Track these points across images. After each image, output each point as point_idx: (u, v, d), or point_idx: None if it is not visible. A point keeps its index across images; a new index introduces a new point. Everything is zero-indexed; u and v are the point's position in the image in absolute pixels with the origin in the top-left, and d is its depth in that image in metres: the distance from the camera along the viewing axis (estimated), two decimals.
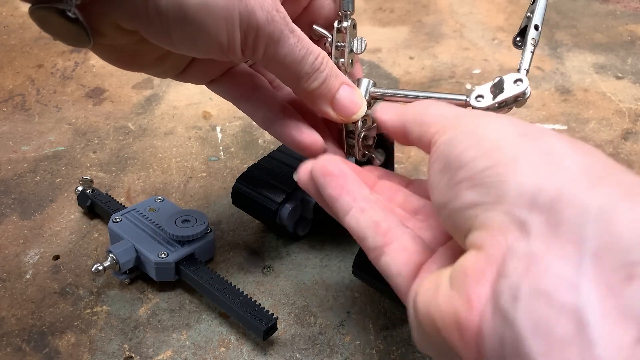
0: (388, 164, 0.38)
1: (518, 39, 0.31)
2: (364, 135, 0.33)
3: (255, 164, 0.41)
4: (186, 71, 0.32)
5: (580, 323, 0.14)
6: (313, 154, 0.32)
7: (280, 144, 0.43)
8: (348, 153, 0.35)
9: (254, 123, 0.57)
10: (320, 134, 0.32)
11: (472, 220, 0.18)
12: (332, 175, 0.27)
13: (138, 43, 0.26)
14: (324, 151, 0.32)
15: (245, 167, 0.49)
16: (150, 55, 0.29)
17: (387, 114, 0.27)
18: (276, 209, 0.37)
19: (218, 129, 0.56)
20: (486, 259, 0.17)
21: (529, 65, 0.30)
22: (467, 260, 0.18)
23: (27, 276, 0.39)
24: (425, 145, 0.24)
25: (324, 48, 0.32)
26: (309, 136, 0.32)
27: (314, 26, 0.32)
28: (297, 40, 0.27)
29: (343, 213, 0.26)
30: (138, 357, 0.34)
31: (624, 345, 0.13)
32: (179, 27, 0.24)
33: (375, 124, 0.33)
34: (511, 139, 0.19)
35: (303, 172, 0.29)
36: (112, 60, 0.28)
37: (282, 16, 0.26)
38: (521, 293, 0.15)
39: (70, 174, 0.49)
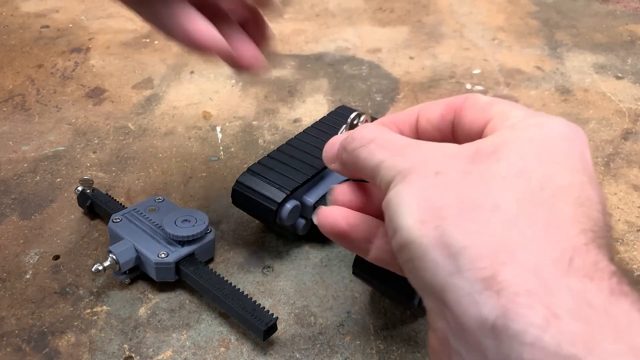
0: None
1: None
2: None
3: (255, 163, 0.41)
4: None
5: None
6: (207, 49, 0.32)
7: (280, 143, 0.43)
8: None
9: (254, 123, 0.57)
10: (234, 39, 0.32)
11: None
12: (344, 233, 0.27)
13: None
14: (227, 52, 0.33)
15: (245, 167, 0.49)
16: None
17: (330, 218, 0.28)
18: (276, 209, 0.37)
19: (218, 129, 0.56)
20: (439, 340, 0.19)
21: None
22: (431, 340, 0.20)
23: (27, 276, 0.39)
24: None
25: None
26: (203, 28, 0.31)
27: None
28: None
29: (364, 254, 0.27)
30: (138, 357, 0.34)
31: None
32: None
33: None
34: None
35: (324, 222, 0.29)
36: None
37: None
38: None
39: (70, 174, 0.49)
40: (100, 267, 0.34)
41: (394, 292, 0.33)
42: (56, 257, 0.41)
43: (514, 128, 0.22)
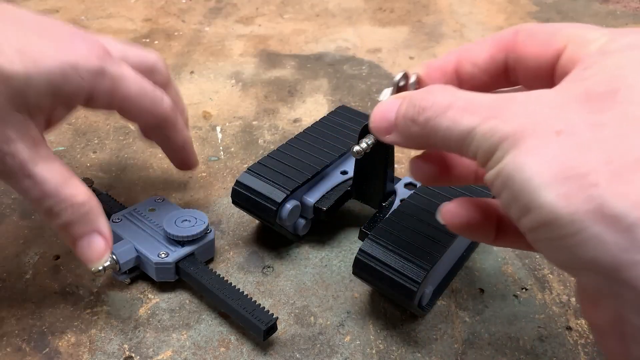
0: (388, 165, 0.38)
1: None
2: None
3: (255, 163, 0.41)
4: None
5: None
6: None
7: (280, 143, 0.43)
8: None
9: (254, 123, 0.57)
10: None
11: (574, 275, 0.19)
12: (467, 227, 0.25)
13: None
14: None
15: (245, 167, 0.49)
16: None
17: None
18: (276, 209, 0.37)
19: (218, 129, 0.56)
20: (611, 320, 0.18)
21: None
22: (594, 318, 0.19)
23: (27, 276, 0.39)
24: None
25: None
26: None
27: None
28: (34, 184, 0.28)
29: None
30: (138, 357, 0.34)
31: None
32: None
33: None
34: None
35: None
36: None
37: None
38: None
39: None
40: (100, 267, 0.34)
41: (394, 292, 0.33)
42: (56, 257, 0.41)
43: (607, 53, 0.19)
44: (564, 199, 0.16)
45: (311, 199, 0.40)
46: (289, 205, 0.38)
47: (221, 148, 0.53)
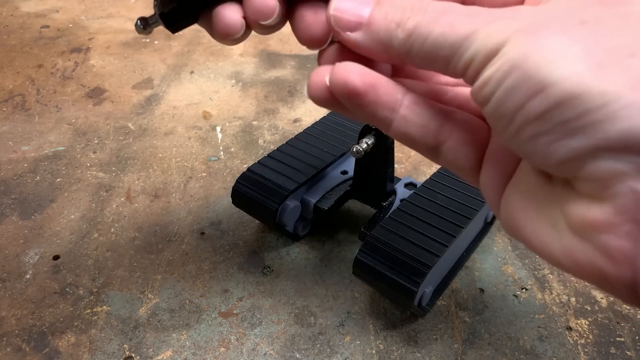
0: (388, 163, 0.38)
1: None
2: None
3: (255, 164, 0.41)
4: None
5: None
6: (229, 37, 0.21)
7: (280, 143, 0.43)
8: None
9: (254, 123, 0.57)
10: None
11: (577, 167, 0.15)
12: (359, 94, 0.19)
13: None
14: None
15: (245, 167, 0.49)
16: None
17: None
18: (276, 209, 0.37)
19: (218, 129, 0.56)
20: (617, 210, 0.15)
21: None
22: (592, 212, 0.15)
23: (27, 276, 0.39)
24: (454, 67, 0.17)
25: None
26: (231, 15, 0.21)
27: None
28: None
29: (385, 128, 0.20)
30: (138, 357, 0.34)
31: None
32: None
33: None
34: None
35: (315, 86, 0.20)
36: None
37: None
38: None
39: (70, 174, 0.49)
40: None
41: (394, 292, 0.33)
42: (56, 257, 0.41)
43: None
44: (596, 69, 0.14)
45: (311, 198, 0.40)
46: (289, 205, 0.38)
47: (221, 148, 0.53)
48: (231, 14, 0.20)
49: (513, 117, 0.16)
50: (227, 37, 0.21)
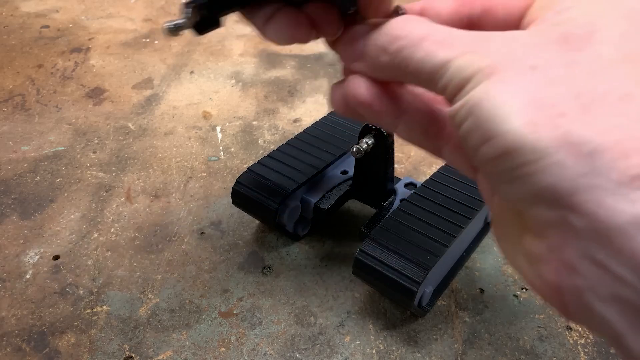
0: (388, 163, 0.38)
1: None
2: None
3: (255, 164, 0.41)
4: None
5: None
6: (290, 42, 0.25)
7: (280, 143, 0.43)
8: None
9: (254, 123, 0.57)
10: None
11: (523, 208, 0.18)
12: (367, 105, 0.22)
13: None
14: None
15: (245, 167, 0.49)
16: None
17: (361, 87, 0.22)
18: (276, 209, 0.37)
19: (218, 129, 0.56)
20: (548, 249, 0.17)
21: None
22: (534, 245, 0.18)
23: (27, 276, 0.39)
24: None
25: None
26: (299, 31, 0.24)
27: None
28: None
29: (393, 131, 0.23)
30: (138, 357, 0.34)
31: None
32: None
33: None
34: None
35: (335, 98, 0.23)
36: None
37: None
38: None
39: (70, 174, 0.49)
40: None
41: (394, 292, 0.33)
42: (56, 257, 0.41)
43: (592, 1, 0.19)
44: (530, 126, 0.16)
45: (311, 198, 0.40)
46: (289, 205, 0.38)
47: (221, 148, 0.53)
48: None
49: (473, 154, 0.18)
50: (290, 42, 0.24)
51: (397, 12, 0.24)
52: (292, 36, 0.23)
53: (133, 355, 0.34)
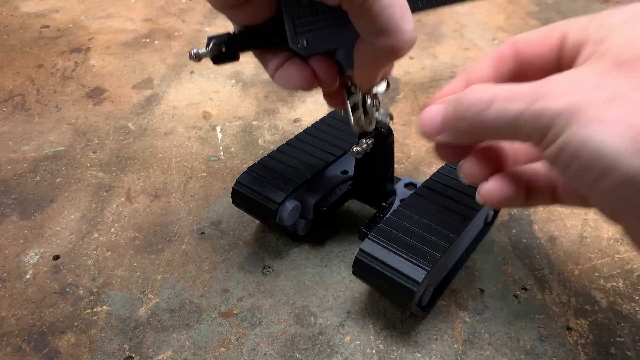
0: (388, 163, 0.38)
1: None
2: (371, 102, 0.33)
3: (255, 164, 0.41)
4: (242, 7, 0.27)
5: None
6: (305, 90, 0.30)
7: (280, 143, 0.43)
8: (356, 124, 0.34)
9: (254, 123, 0.57)
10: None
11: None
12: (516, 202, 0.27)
13: None
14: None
15: (245, 167, 0.49)
16: None
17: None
18: (276, 209, 0.37)
19: (218, 129, 0.56)
20: None
21: None
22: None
23: (27, 276, 0.39)
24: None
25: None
26: (308, 79, 0.29)
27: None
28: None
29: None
30: (138, 357, 0.34)
31: None
32: None
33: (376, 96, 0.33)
34: None
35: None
36: None
37: None
38: None
39: (70, 174, 0.49)
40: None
41: (394, 292, 0.33)
42: (56, 257, 0.41)
43: (611, 27, 0.21)
44: (637, 157, 0.18)
45: (311, 199, 0.40)
46: (288, 205, 0.38)
47: (221, 148, 0.53)
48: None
49: (589, 190, 0.20)
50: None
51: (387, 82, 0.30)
52: (297, 85, 0.27)
53: (133, 355, 0.34)
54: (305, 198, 0.40)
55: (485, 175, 0.28)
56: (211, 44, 0.27)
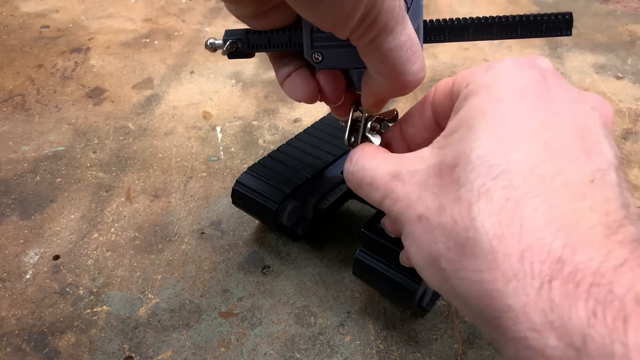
0: None
1: (352, 140, 0.31)
2: (371, 125, 0.33)
3: (255, 164, 0.41)
4: (264, 16, 0.28)
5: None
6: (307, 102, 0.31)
7: (280, 143, 0.43)
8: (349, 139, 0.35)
9: (254, 123, 0.57)
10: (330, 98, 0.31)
11: None
12: None
13: None
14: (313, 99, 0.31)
15: (245, 167, 0.49)
16: None
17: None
18: (276, 209, 0.37)
19: (218, 129, 0.56)
20: None
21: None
22: None
23: (27, 276, 0.39)
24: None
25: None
26: (312, 91, 0.30)
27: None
28: (407, 39, 0.24)
29: None
30: (138, 357, 0.34)
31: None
32: None
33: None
34: None
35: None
36: None
37: (400, 7, 0.24)
38: None
39: (70, 174, 0.49)
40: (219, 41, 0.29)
41: (394, 292, 0.33)
42: (56, 257, 0.41)
43: (466, 98, 0.22)
44: (433, 279, 0.21)
45: (311, 199, 0.40)
46: (288, 205, 0.38)
47: (221, 148, 0.53)
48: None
49: None
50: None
51: (393, 111, 0.31)
52: (300, 97, 0.28)
53: (133, 355, 0.34)
54: (305, 198, 0.40)
55: None
56: (228, 42, 0.27)
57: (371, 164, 0.25)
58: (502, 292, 0.17)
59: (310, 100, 0.29)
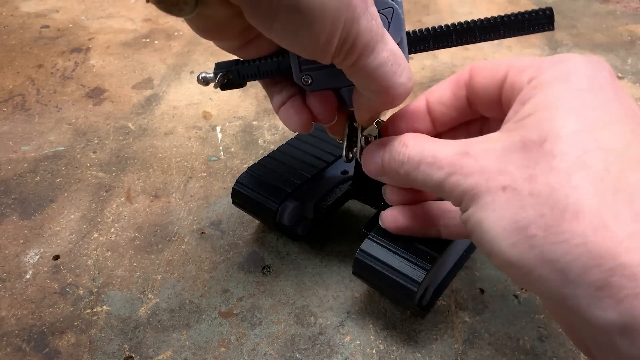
0: None
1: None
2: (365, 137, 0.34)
3: (255, 164, 0.41)
4: (249, 45, 0.29)
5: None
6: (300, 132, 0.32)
7: (280, 143, 0.43)
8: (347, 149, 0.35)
9: (254, 123, 0.57)
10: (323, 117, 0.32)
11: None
12: (408, 229, 0.32)
13: (231, 17, 0.25)
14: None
15: (245, 167, 0.49)
16: (234, 30, 0.27)
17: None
18: (276, 209, 0.37)
19: (218, 129, 0.56)
20: None
21: None
22: None
23: (27, 276, 0.39)
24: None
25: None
26: (305, 121, 0.30)
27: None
28: (389, 54, 0.25)
29: None
30: (138, 357, 0.34)
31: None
32: (286, 16, 0.22)
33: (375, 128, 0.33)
34: None
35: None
36: (199, 29, 0.27)
37: (378, 26, 0.24)
38: None
39: (70, 174, 0.49)
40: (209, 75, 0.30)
41: (394, 292, 0.33)
42: (56, 257, 0.41)
43: (537, 87, 0.22)
44: (512, 249, 0.20)
45: (311, 199, 0.40)
46: (289, 205, 0.38)
47: (221, 148, 0.53)
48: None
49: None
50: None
51: (379, 122, 0.31)
52: (294, 128, 0.29)
53: (133, 355, 0.34)
54: (305, 198, 0.40)
55: (400, 201, 0.32)
56: (219, 76, 0.28)
57: (432, 146, 0.25)
58: (614, 252, 0.18)
59: (305, 130, 0.30)
